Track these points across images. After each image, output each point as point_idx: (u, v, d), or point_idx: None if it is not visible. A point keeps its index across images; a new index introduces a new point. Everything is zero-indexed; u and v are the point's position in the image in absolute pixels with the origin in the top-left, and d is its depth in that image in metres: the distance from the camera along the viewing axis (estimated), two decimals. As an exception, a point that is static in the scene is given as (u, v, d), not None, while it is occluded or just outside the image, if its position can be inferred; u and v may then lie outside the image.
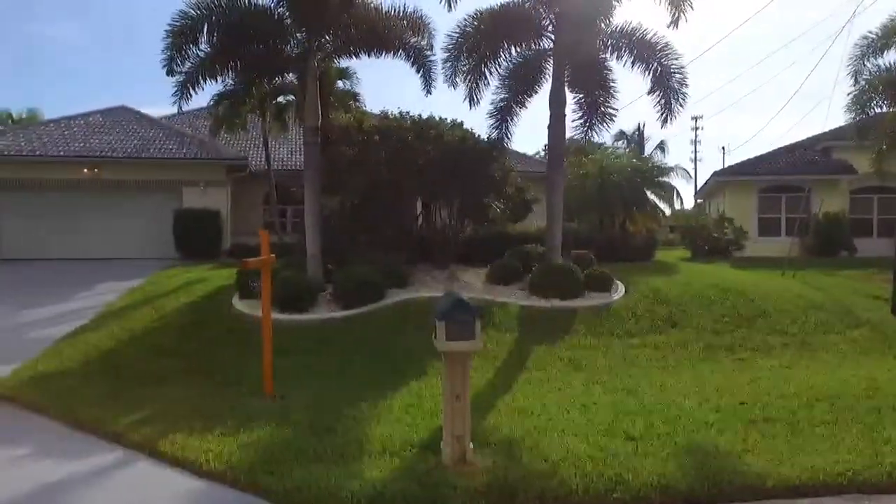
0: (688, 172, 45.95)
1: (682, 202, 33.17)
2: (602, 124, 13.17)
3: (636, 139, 47.39)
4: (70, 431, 6.54)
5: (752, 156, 27.90)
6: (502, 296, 12.45)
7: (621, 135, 46.66)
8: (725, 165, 37.54)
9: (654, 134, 56.81)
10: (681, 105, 13.33)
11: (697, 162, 52.69)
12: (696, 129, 51.24)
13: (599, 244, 16.65)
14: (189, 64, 11.65)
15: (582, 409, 7.07)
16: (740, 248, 23.89)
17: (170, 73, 11.50)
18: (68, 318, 12.01)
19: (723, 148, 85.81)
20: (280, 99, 20.50)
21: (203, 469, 5.24)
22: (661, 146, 47.40)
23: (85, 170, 19.84)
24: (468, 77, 13.25)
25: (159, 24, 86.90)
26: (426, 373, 8.83)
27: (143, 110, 24.20)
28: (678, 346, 10.69)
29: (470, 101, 13.56)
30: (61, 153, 19.97)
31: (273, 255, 7.77)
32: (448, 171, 13.49)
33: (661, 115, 13.39)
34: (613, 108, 13.23)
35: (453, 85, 14.04)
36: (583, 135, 13.35)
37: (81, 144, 20.65)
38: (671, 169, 27.57)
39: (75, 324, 11.33)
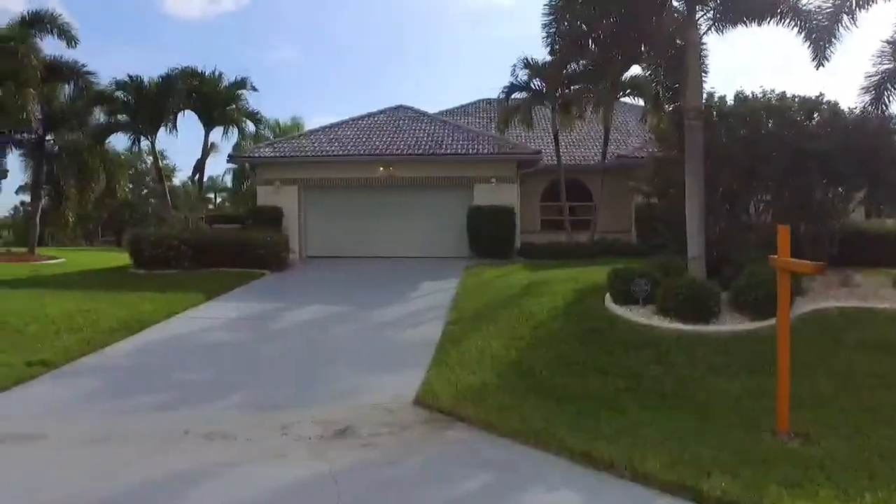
0: None
1: None
2: None
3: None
4: (574, 466, 5.28)
5: None
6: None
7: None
8: None
9: None
10: None
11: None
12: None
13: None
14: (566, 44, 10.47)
15: None
16: None
17: (552, 52, 10.47)
18: (421, 319, 11.43)
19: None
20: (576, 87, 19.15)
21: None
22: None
23: (381, 168, 19.89)
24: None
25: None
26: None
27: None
28: None
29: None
30: (361, 152, 20.21)
31: None
32: (848, 154, 11.08)
33: None
34: None
35: (824, 60, 11.60)
36: None
37: (375, 143, 20.82)
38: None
39: (433, 326, 10.66)
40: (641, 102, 21.93)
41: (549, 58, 19.09)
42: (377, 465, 5.34)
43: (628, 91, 20.69)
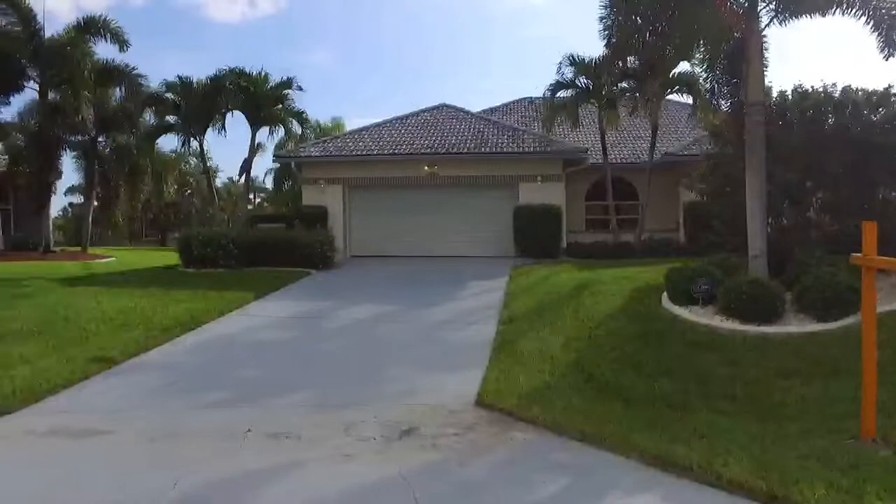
0: None
1: None
2: None
3: None
4: (648, 470, 5.06)
5: None
6: None
7: None
8: None
9: None
10: None
11: None
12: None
13: None
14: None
15: None
16: None
17: (608, 45, 10.27)
18: (474, 319, 11.28)
19: None
20: (623, 84, 18.83)
21: None
22: None
23: (425, 167, 19.82)
24: None
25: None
26: None
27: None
28: None
29: None
30: (405, 151, 20.18)
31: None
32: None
33: None
34: None
35: (894, 50, 11.10)
36: None
37: (420, 142, 20.77)
38: None
39: (487, 325, 10.53)
40: (688, 99, 21.51)
41: (594, 55, 18.96)
42: (447, 466, 5.21)
43: (676, 88, 20.29)
